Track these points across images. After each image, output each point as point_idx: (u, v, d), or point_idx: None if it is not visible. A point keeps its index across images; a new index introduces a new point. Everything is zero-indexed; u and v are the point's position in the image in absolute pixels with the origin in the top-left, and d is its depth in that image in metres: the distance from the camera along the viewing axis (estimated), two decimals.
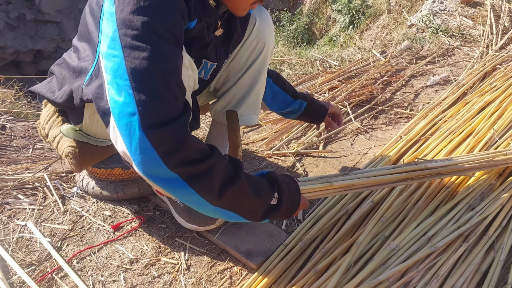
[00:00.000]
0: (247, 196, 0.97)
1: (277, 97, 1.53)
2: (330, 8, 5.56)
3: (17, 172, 1.65)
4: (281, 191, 1.05)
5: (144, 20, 0.88)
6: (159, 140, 0.85)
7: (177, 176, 0.88)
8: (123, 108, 0.86)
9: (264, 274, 1.20)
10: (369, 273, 1.12)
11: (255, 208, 1.01)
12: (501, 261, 1.15)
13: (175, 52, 0.92)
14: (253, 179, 1.02)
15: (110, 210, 1.45)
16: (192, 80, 1.11)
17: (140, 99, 0.85)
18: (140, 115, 0.85)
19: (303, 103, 1.56)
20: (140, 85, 0.86)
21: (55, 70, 1.27)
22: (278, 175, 1.08)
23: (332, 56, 2.81)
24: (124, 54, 0.87)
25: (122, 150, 0.89)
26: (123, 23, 0.88)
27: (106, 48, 0.91)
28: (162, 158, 0.85)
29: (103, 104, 0.93)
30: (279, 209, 1.04)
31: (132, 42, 0.87)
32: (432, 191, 1.40)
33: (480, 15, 3.17)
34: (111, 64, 0.89)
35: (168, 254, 1.30)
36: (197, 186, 0.90)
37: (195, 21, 1.04)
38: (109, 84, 0.90)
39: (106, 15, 0.93)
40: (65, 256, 1.29)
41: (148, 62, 0.86)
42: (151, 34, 0.88)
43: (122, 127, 0.87)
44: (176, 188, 0.90)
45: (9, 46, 6.57)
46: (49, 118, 1.34)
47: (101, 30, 0.96)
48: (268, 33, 1.33)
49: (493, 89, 2.04)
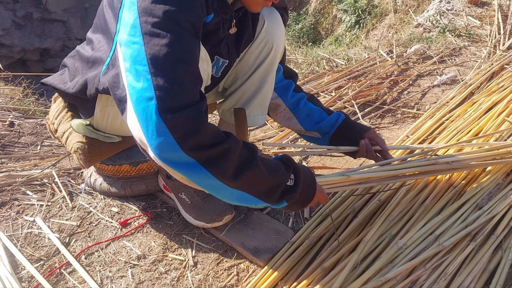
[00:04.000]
0: (263, 177, 0.98)
1: (313, 115, 1.42)
2: (336, 8, 5.55)
3: (26, 169, 1.66)
4: (297, 173, 1.06)
5: (166, 8, 0.90)
6: (175, 124, 0.86)
7: (193, 160, 0.89)
8: (141, 93, 0.88)
9: (271, 271, 1.20)
10: (376, 271, 1.12)
11: (272, 189, 1.02)
12: (509, 261, 1.14)
13: (194, 42, 0.94)
14: (269, 161, 1.03)
15: (118, 206, 1.46)
16: (207, 74, 1.12)
17: (158, 84, 0.87)
18: (157, 99, 0.86)
19: (341, 115, 1.40)
20: (158, 70, 0.87)
21: (68, 62, 1.28)
22: (293, 160, 1.09)
23: (338, 55, 2.81)
24: (144, 40, 0.89)
25: (138, 135, 0.91)
26: (144, 11, 0.90)
27: (126, 35, 0.92)
28: (179, 143, 0.87)
29: (120, 92, 0.94)
30: (296, 190, 1.05)
31: (152, 29, 0.89)
32: (440, 190, 1.39)
33: (487, 15, 3.15)
34: (131, 50, 0.91)
35: (175, 251, 1.31)
36: (213, 169, 0.91)
37: (212, 16, 1.05)
38: (128, 71, 0.91)
39: (127, 4, 0.95)
40: (73, 252, 1.30)
41: (168, 49, 0.88)
42: (172, 23, 0.90)
43: (140, 112, 0.88)
44: (192, 172, 0.91)
45: (16, 44, 6.62)
46: (59, 113, 1.35)
47: (120, 20, 0.97)
48: (277, 34, 1.32)
49: (500, 89, 2.03)
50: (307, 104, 1.43)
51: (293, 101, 1.42)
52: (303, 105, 1.42)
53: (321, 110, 1.42)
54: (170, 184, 1.37)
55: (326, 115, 1.41)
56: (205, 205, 1.32)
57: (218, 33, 1.12)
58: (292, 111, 1.44)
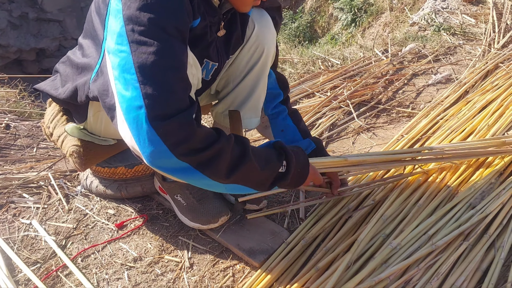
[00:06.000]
0: (256, 171, 1.01)
1: (288, 131, 1.43)
2: (332, 6, 5.55)
3: (22, 171, 1.66)
4: (289, 158, 1.08)
5: (151, 16, 0.90)
6: (166, 131, 0.87)
7: (187, 164, 0.91)
8: (130, 102, 0.88)
9: (267, 272, 1.21)
10: (370, 271, 1.13)
11: (264, 179, 1.05)
12: (501, 260, 1.16)
13: (181, 48, 0.94)
14: (261, 152, 1.04)
15: (114, 208, 1.46)
16: (196, 79, 1.12)
17: (146, 92, 0.87)
18: (146, 108, 0.87)
19: (312, 144, 1.40)
20: (146, 78, 0.88)
21: (59, 68, 1.28)
22: (286, 145, 1.10)
23: (334, 55, 2.81)
24: (131, 49, 0.89)
25: (131, 143, 0.91)
26: (129, 19, 0.90)
27: (113, 44, 0.92)
28: (171, 149, 0.88)
29: (109, 100, 0.95)
30: (287, 177, 1.07)
31: (139, 37, 0.89)
32: (433, 190, 1.40)
33: (482, 13, 3.16)
34: (118, 59, 0.91)
35: (171, 252, 1.32)
36: (207, 171, 0.93)
37: (199, 20, 1.05)
38: (116, 79, 0.91)
39: (112, 12, 0.95)
40: (69, 254, 1.31)
41: (155, 56, 0.88)
42: (158, 30, 0.90)
43: (130, 121, 0.89)
44: (187, 175, 0.93)
45: (12, 44, 6.60)
46: (54, 117, 1.35)
47: (107, 27, 0.97)
48: (268, 38, 1.31)
49: (494, 87, 2.04)
50: (286, 120, 1.44)
51: (274, 112, 1.44)
52: (281, 119, 1.44)
53: (297, 130, 1.43)
54: (165, 186, 1.37)
55: (299, 137, 1.42)
56: (200, 206, 1.33)
57: (206, 37, 1.13)
58: (270, 121, 1.46)
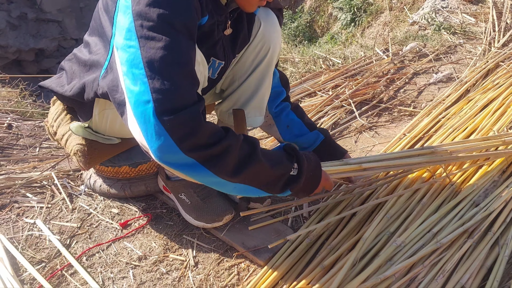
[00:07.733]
0: (265, 170, 1.00)
1: (293, 126, 1.45)
2: (331, 6, 5.55)
3: (25, 171, 1.66)
4: (300, 161, 1.07)
5: (160, 12, 0.90)
6: (173, 126, 0.87)
7: (193, 160, 0.90)
8: (138, 96, 0.89)
9: (271, 270, 1.21)
10: (375, 269, 1.14)
11: (274, 181, 1.04)
12: (505, 257, 1.16)
13: (190, 44, 0.94)
14: (271, 153, 1.04)
15: (118, 207, 1.47)
16: (203, 77, 1.13)
17: (154, 87, 0.87)
18: (154, 102, 0.87)
19: (320, 135, 1.43)
20: (155, 73, 0.88)
21: (65, 65, 1.29)
22: (297, 148, 1.10)
23: (335, 54, 2.82)
24: (140, 44, 0.90)
25: (139, 139, 0.92)
26: (139, 14, 0.91)
27: (122, 40, 0.93)
28: (178, 144, 0.88)
29: (118, 96, 0.95)
30: (300, 180, 1.07)
31: (148, 33, 0.90)
32: (437, 188, 1.41)
33: (482, 12, 3.17)
34: (127, 54, 0.91)
35: (176, 251, 1.32)
36: (214, 168, 0.93)
37: (207, 17, 1.06)
38: (125, 75, 0.92)
39: (121, 8, 0.95)
40: (74, 253, 1.31)
41: (163, 51, 0.89)
42: (166, 26, 0.90)
43: (138, 115, 0.89)
44: (194, 172, 0.93)
45: (11, 45, 6.59)
46: (58, 116, 1.35)
47: (115, 24, 0.98)
48: (274, 37, 1.32)
49: (495, 86, 2.05)
50: (290, 115, 1.45)
51: (277, 110, 1.45)
52: (285, 115, 1.45)
53: (302, 124, 1.44)
54: (169, 185, 1.37)
55: (306, 130, 1.43)
56: (205, 205, 1.33)
57: (213, 35, 1.13)
58: (274, 119, 1.46)
